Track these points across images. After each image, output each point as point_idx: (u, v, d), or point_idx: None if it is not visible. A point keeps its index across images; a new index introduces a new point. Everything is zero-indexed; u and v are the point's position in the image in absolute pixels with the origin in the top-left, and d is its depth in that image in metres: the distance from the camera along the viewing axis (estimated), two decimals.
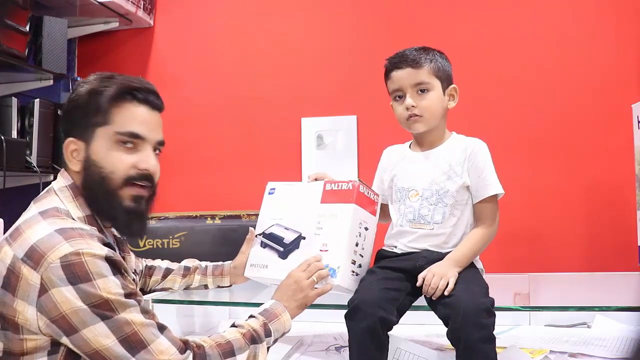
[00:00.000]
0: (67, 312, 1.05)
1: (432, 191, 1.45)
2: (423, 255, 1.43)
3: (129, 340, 1.07)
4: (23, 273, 1.06)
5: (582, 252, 2.24)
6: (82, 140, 1.20)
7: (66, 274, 1.04)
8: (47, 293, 1.05)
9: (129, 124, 1.21)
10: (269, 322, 1.28)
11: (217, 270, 1.64)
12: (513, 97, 2.34)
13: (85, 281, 1.05)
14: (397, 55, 1.49)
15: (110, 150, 1.19)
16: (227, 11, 2.68)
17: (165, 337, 1.12)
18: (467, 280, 1.35)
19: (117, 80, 1.22)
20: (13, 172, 2.15)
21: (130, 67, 2.68)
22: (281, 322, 1.31)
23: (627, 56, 2.24)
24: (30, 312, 1.06)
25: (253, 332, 1.24)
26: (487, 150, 1.48)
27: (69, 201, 1.19)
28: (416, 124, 1.47)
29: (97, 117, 1.19)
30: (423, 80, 1.45)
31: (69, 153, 1.21)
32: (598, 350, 1.51)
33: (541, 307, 1.83)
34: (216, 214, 2.33)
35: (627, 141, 2.01)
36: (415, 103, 1.45)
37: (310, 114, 2.54)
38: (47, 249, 1.06)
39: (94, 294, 1.05)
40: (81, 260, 1.06)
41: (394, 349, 1.39)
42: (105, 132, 1.20)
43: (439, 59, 1.48)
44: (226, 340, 1.20)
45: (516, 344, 1.48)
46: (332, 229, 1.45)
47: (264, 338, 1.26)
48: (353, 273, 1.44)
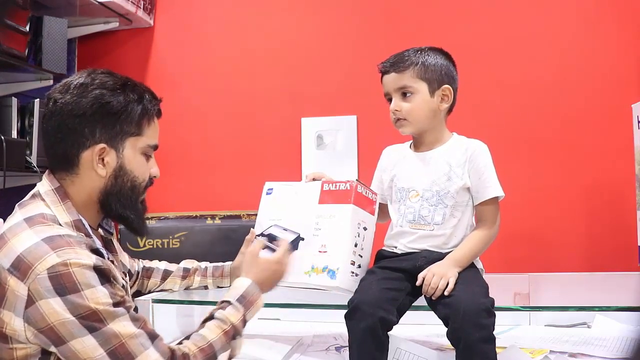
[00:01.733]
0: (55, 324, 1.04)
1: (432, 192, 1.45)
2: (423, 255, 1.43)
3: (117, 353, 1.06)
4: (9, 284, 1.05)
5: (582, 252, 2.25)
6: (111, 147, 1.21)
7: (54, 285, 1.04)
8: (34, 304, 1.04)
9: (155, 137, 1.28)
10: (246, 312, 1.28)
11: (217, 271, 1.64)
12: (513, 97, 2.34)
13: (73, 292, 1.04)
14: (387, 60, 1.50)
15: (136, 159, 1.24)
16: (227, 11, 2.68)
17: (154, 348, 1.11)
18: (467, 281, 1.35)
19: (145, 91, 1.25)
20: (13, 172, 2.15)
21: (130, 67, 2.68)
22: (256, 307, 1.32)
23: (627, 56, 2.24)
24: (17, 323, 1.05)
25: (233, 329, 1.24)
26: (488, 152, 1.47)
27: (56, 205, 1.17)
28: (402, 127, 1.49)
29: (131, 127, 1.22)
30: (405, 85, 1.46)
31: (97, 157, 1.19)
32: (598, 350, 1.50)
33: (541, 307, 1.83)
34: (216, 214, 2.33)
35: (627, 141, 2.01)
36: (399, 107, 1.46)
37: (310, 114, 2.54)
38: (35, 259, 1.05)
39: (82, 305, 1.05)
40: (69, 271, 1.05)
41: (394, 349, 1.38)
42: (136, 142, 1.23)
43: (430, 60, 1.46)
44: (208, 343, 1.20)
45: (516, 344, 1.48)
46: (331, 229, 1.44)
47: (242, 331, 1.26)
48: (352, 274, 1.43)
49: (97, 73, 1.23)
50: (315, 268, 1.44)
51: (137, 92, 1.24)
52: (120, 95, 1.20)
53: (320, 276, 1.43)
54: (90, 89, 1.19)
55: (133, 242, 2.25)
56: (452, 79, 1.49)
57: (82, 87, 1.19)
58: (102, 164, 1.20)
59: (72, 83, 1.20)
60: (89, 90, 1.19)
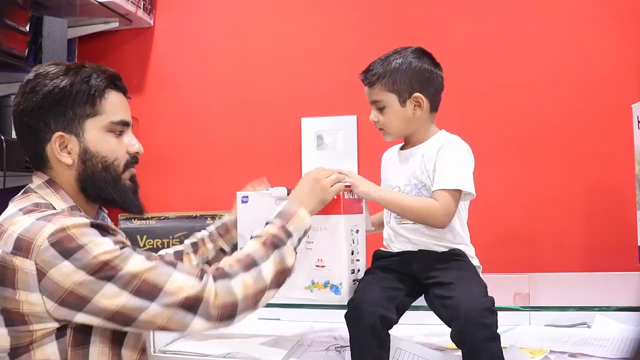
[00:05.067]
0: (72, 288, 1.05)
1: (411, 186, 1.46)
2: (419, 256, 1.44)
3: (142, 290, 1.07)
4: (17, 265, 1.06)
5: (582, 252, 2.24)
6: (70, 133, 1.19)
7: (58, 250, 1.05)
8: (45, 276, 1.04)
9: (117, 113, 1.23)
10: (286, 224, 1.26)
11: (222, 228, 1.59)
12: (513, 97, 2.34)
13: (78, 250, 1.05)
14: (362, 71, 1.52)
15: (102, 139, 1.21)
16: (227, 11, 2.68)
17: (178, 272, 1.11)
18: (465, 280, 1.36)
19: (93, 70, 1.22)
20: (13, 172, 2.15)
21: (130, 67, 2.68)
22: (299, 219, 1.29)
23: (627, 56, 2.23)
24: (34, 298, 1.05)
25: (272, 237, 1.23)
26: (461, 148, 1.45)
27: (49, 195, 1.19)
28: (384, 136, 1.53)
29: (86, 109, 1.19)
30: (376, 99, 1.48)
31: (57, 147, 1.18)
32: (598, 350, 1.50)
33: (541, 307, 1.83)
34: (216, 214, 2.33)
35: (627, 141, 2.00)
36: (376, 118, 1.50)
37: (310, 114, 2.54)
38: (34, 234, 1.06)
39: (91, 259, 1.05)
40: (68, 234, 1.06)
41: (394, 349, 1.39)
42: (97, 123, 1.20)
43: (398, 69, 1.45)
44: (245, 254, 1.20)
45: (516, 344, 1.48)
46: (325, 243, 1.42)
47: (286, 240, 1.24)
48: (354, 282, 1.44)
49: (43, 66, 1.22)
50: (316, 283, 1.43)
51: (83, 73, 1.20)
52: (63, 80, 1.18)
53: (323, 292, 1.42)
54: (34, 83, 1.19)
55: (133, 242, 2.25)
56: (425, 82, 1.47)
57: (28, 84, 1.20)
58: (66, 151, 1.19)
59: (21, 84, 1.21)
60: (34, 85, 1.19)
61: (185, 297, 1.09)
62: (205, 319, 1.11)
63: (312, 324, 1.90)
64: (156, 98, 2.67)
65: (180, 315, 1.09)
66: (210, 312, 1.11)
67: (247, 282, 1.16)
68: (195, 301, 1.10)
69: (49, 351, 1.08)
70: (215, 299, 1.11)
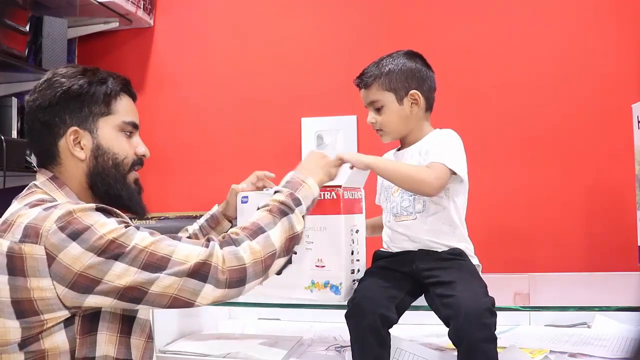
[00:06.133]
0: (82, 270, 1.06)
1: None
2: (419, 256, 1.44)
3: (150, 263, 1.09)
4: (25, 252, 1.07)
5: (582, 252, 2.24)
6: (84, 130, 1.23)
7: (66, 233, 1.07)
8: (55, 260, 1.06)
9: (129, 114, 1.28)
10: (294, 191, 1.29)
11: (213, 221, 1.60)
12: (513, 97, 2.34)
13: (85, 231, 1.07)
14: (357, 76, 1.53)
15: (114, 137, 1.25)
16: (227, 11, 2.68)
17: (184, 243, 1.14)
18: (466, 280, 1.36)
19: (109, 74, 1.28)
20: (13, 172, 2.15)
21: (130, 67, 2.68)
22: (307, 187, 1.31)
23: (627, 56, 2.24)
24: (45, 283, 1.06)
25: (280, 204, 1.25)
26: (451, 136, 1.46)
27: (54, 192, 1.21)
28: (382, 137, 1.54)
29: (101, 108, 1.24)
30: (373, 99, 1.49)
31: (71, 141, 1.22)
32: (598, 350, 1.50)
33: (541, 307, 1.83)
34: None
35: (627, 141, 2.00)
36: (374, 119, 1.51)
37: (310, 114, 2.54)
38: (41, 221, 1.08)
39: (97, 240, 1.07)
40: (75, 217, 1.08)
41: (394, 349, 1.39)
42: (110, 122, 1.25)
43: (393, 69, 1.47)
44: (251, 222, 1.22)
45: (516, 344, 1.48)
46: (325, 243, 1.42)
47: (294, 207, 1.26)
48: (354, 282, 1.44)
49: (60, 67, 1.27)
50: (315, 283, 1.43)
51: (99, 75, 1.26)
52: (80, 79, 1.23)
53: (323, 292, 1.42)
54: (52, 81, 1.23)
55: None
56: (420, 80, 1.49)
57: (45, 82, 1.24)
58: (79, 147, 1.23)
59: (38, 83, 1.25)
60: (52, 83, 1.23)
61: (193, 264, 1.11)
62: (215, 285, 1.12)
63: (312, 324, 1.90)
64: (156, 98, 2.68)
65: (191, 283, 1.11)
66: (219, 278, 1.12)
67: (254, 247, 1.18)
68: (203, 267, 1.11)
69: (57, 339, 1.09)
70: (223, 264, 1.13)
